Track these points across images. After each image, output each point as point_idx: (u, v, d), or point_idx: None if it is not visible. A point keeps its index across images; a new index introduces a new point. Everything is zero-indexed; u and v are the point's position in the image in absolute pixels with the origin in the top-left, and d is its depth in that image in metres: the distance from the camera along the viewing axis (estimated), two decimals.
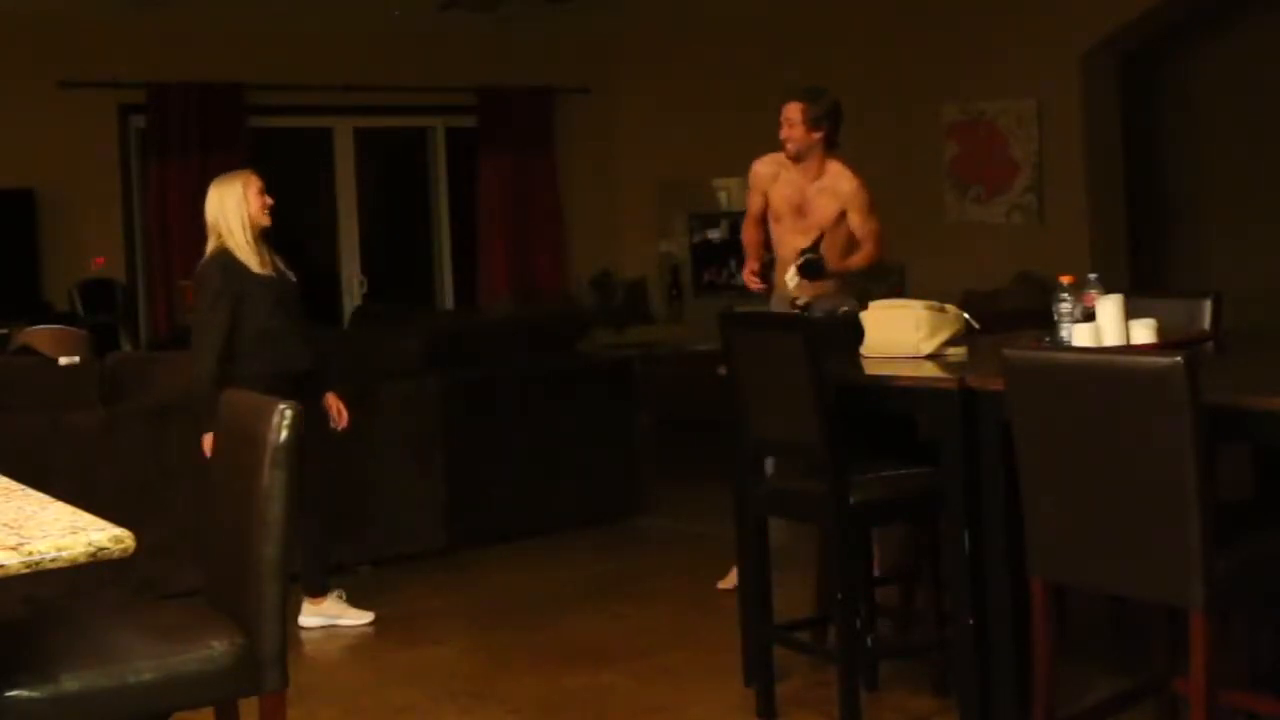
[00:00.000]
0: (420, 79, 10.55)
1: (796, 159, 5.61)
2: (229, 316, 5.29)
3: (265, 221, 5.41)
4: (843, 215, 5.59)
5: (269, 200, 5.43)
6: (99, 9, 9.41)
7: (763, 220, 5.78)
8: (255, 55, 9.95)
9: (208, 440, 5.23)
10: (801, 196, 5.64)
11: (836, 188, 5.60)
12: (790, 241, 5.58)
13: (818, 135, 5.57)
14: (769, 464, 4.80)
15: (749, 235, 5.85)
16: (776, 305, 5.66)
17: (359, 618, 5.61)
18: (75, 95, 9.37)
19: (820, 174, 5.63)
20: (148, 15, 9.58)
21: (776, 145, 5.68)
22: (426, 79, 10.59)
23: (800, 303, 5.39)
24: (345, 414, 5.56)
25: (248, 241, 5.34)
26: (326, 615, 5.61)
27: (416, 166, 11.21)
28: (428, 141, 11.18)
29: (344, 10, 10.15)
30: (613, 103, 11.15)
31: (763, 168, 5.79)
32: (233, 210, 5.34)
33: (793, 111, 5.56)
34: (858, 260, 5.62)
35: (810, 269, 5.35)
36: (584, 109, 11.08)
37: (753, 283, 5.66)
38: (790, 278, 5.39)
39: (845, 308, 5.29)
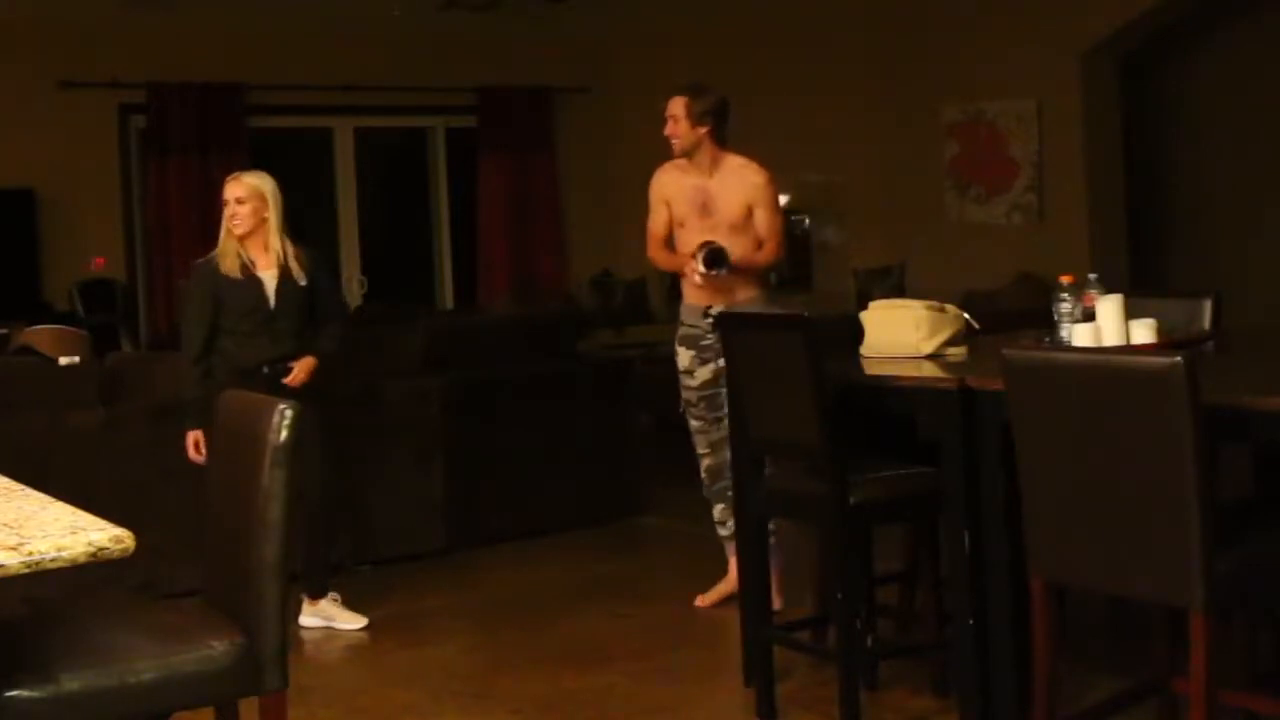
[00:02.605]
0: (420, 79, 10.56)
1: (684, 155, 5.38)
2: (205, 316, 5.37)
3: (234, 230, 5.38)
4: (750, 213, 5.34)
5: (231, 210, 5.37)
6: (99, 9, 9.41)
7: (669, 238, 5.50)
8: (255, 55, 9.96)
9: (189, 438, 5.31)
10: (704, 194, 5.39)
11: (743, 180, 5.37)
12: (697, 243, 5.29)
13: (703, 130, 5.33)
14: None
15: (659, 255, 5.55)
16: (687, 316, 5.47)
17: (352, 621, 5.60)
18: (75, 95, 9.38)
19: (717, 169, 5.39)
20: (148, 15, 9.59)
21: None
22: (426, 79, 10.60)
23: (714, 311, 5.17)
24: (299, 377, 5.39)
25: (221, 250, 5.41)
26: (321, 616, 5.61)
27: (416, 166, 11.22)
28: (428, 141, 11.18)
29: (344, 10, 10.16)
30: (613, 103, 11.15)
31: (662, 175, 5.53)
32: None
33: (675, 106, 5.34)
34: (762, 257, 5.37)
35: (715, 258, 5.13)
36: (584, 109, 11.08)
37: (693, 271, 5.22)
38: (696, 268, 5.14)
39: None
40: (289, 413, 2.93)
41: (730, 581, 5.34)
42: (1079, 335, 4.00)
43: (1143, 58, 10.24)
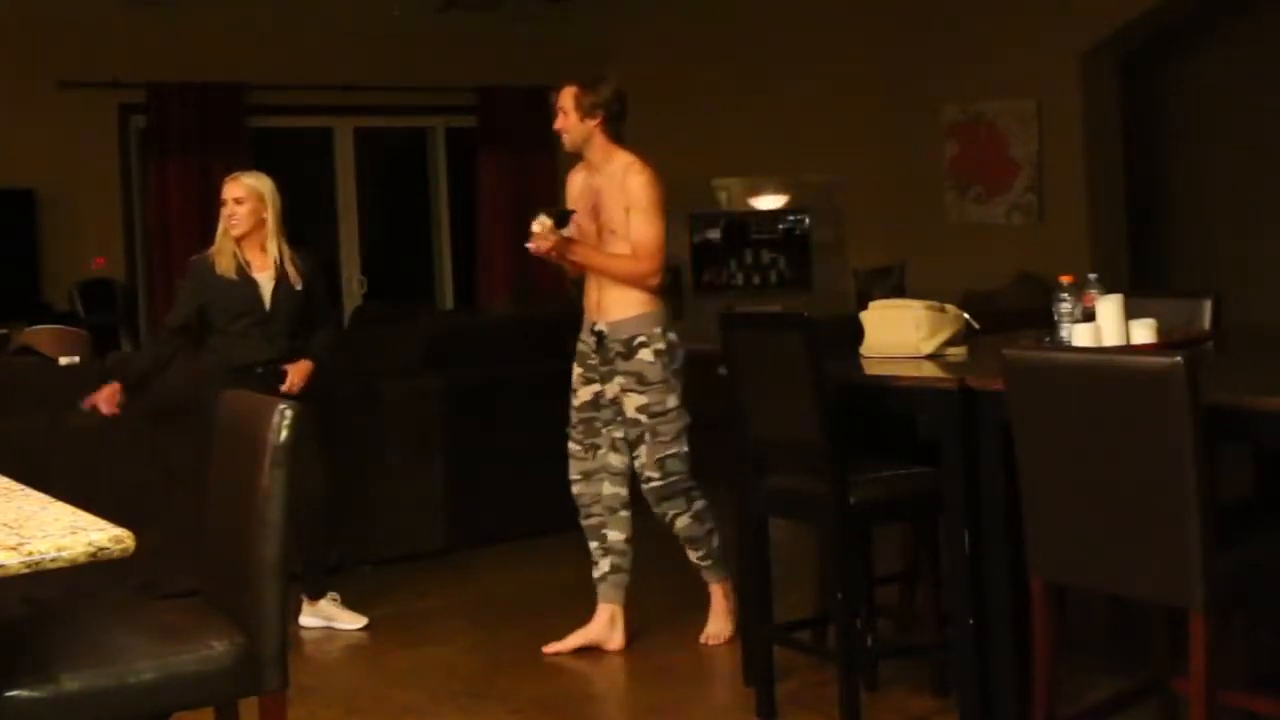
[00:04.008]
0: (420, 79, 10.56)
1: (575, 150, 5.07)
2: (189, 301, 5.48)
3: (230, 230, 5.39)
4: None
5: (228, 210, 5.39)
6: (99, 9, 9.41)
7: None
8: (255, 55, 9.95)
9: (110, 387, 5.38)
10: (595, 195, 5.05)
11: (624, 181, 4.97)
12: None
13: (593, 124, 4.98)
14: None
15: None
16: (583, 330, 5.15)
17: (352, 621, 5.61)
18: (75, 95, 9.37)
19: (607, 166, 5.02)
20: (148, 15, 9.59)
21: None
22: (426, 79, 10.59)
23: (598, 328, 5.01)
24: (296, 385, 5.40)
25: (216, 249, 5.42)
26: (321, 616, 5.61)
27: (416, 166, 11.22)
28: (428, 141, 11.18)
29: (344, 10, 10.16)
30: None
31: (571, 176, 5.21)
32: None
33: (565, 98, 5.01)
34: (620, 265, 4.94)
35: (564, 218, 4.89)
36: None
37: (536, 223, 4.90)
38: (540, 224, 4.85)
39: (642, 336, 4.94)
40: (289, 413, 2.93)
41: (588, 632, 5.12)
42: (1079, 335, 4.00)
43: (1143, 58, 10.24)
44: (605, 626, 5.11)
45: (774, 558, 4.48)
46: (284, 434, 2.91)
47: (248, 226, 5.38)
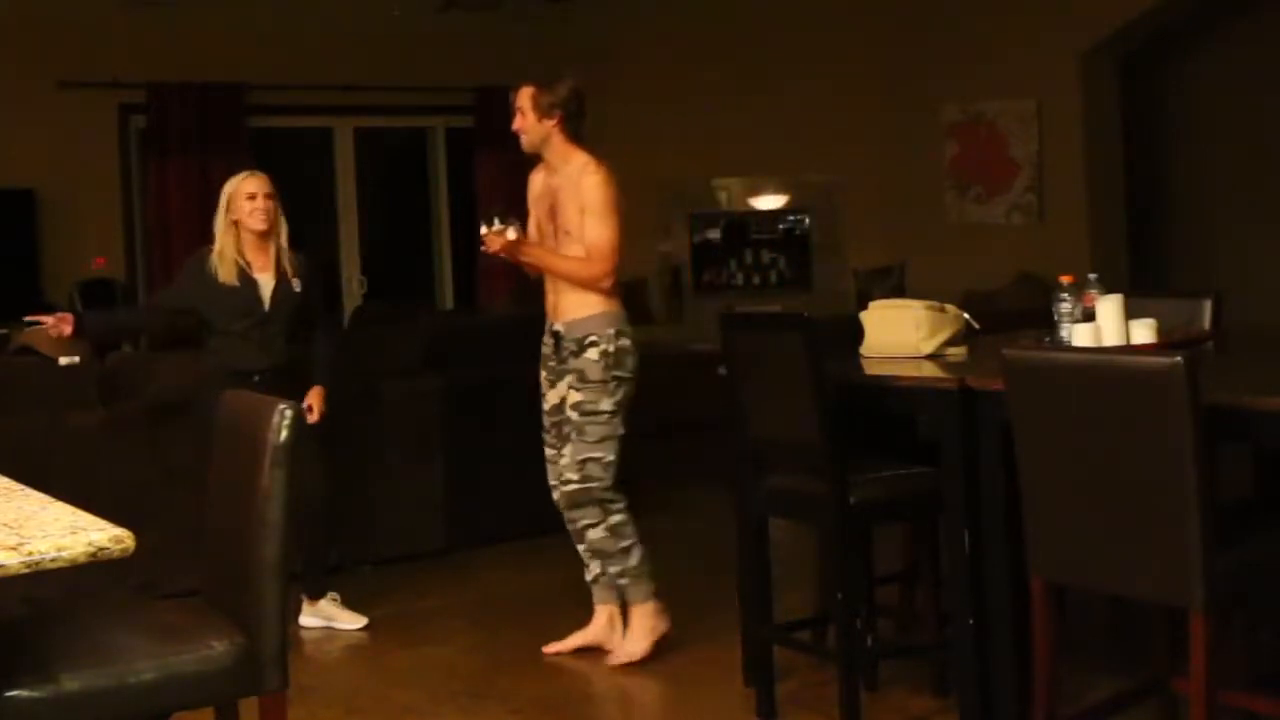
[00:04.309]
0: (420, 79, 10.56)
1: (532, 151, 5.03)
2: (180, 296, 5.52)
3: (255, 225, 5.36)
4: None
5: (260, 205, 5.36)
6: (99, 9, 9.42)
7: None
8: (255, 55, 9.95)
9: (69, 319, 5.34)
10: (553, 196, 5.03)
11: (579, 181, 4.91)
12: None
13: (550, 124, 4.93)
14: None
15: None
16: (546, 336, 5.14)
17: (352, 621, 5.61)
18: (75, 95, 9.37)
19: (565, 167, 4.97)
20: (148, 15, 9.59)
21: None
22: (426, 79, 10.59)
23: (555, 329, 5.01)
24: (318, 411, 5.46)
25: (220, 249, 5.39)
26: (321, 616, 5.61)
27: (416, 166, 11.22)
28: (427, 141, 11.18)
29: (344, 10, 10.16)
30: (613, 103, 11.14)
31: (532, 177, 5.18)
32: (219, 212, 5.43)
33: (522, 98, 4.94)
34: (568, 266, 4.92)
35: (503, 215, 4.91)
36: None
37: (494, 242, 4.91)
38: (491, 233, 4.87)
39: (593, 335, 4.88)
40: (289, 413, 2.93)
41: (588, 633, 5.11)
42: (1079, 335, 4.00)
43: (1143, 58, 10.24)
44: (604, 628, 5.11)
45: (774, 558, 4.48)
46: (284, 434, 2.91)
47: (271, 222, 5.40)
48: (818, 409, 4.02)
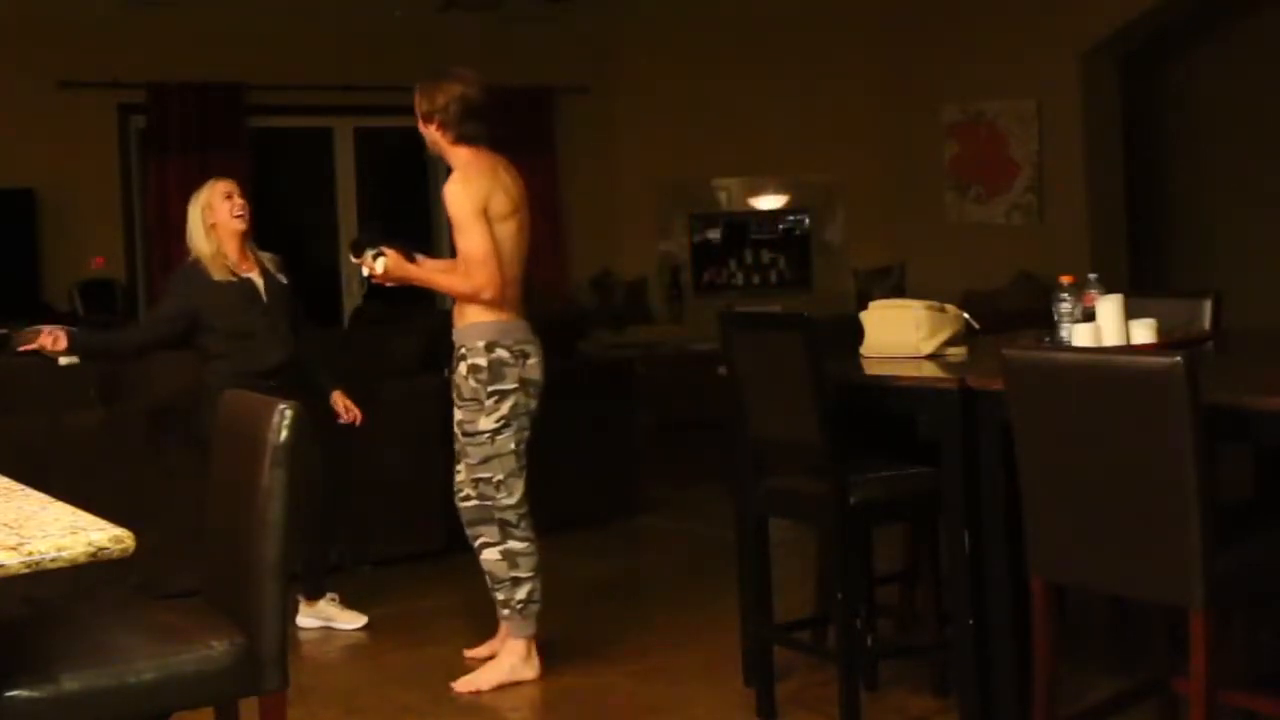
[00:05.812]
0: (420, 79, 10.55)
1: (433, 154, 4.85)
2: (171, 311, 5.40)
3: (236, 226, 5.39)
4: None
5: (238, 203, 5.39)
6: (99, 9, 9.42)
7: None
8: (255, 55, 9.95)
9: (53, 333, 5.29)
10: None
11: (445, 192, 4.69)
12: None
13: (431, 128, 4.72)
14: None
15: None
16: None
17: (352, 621, 5.61)
18: (75, 95, 9.37)
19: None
20: (148, 15, 9.59)
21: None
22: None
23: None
24: (354, 409, 5.57)
25: (210, 254, 5.38)
26: (320, 617, 5.61)
27: (416, 166, 11.21)
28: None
29: (344, 10, 10.16)
30: (613, 103, 11.15)
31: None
32: (195, 222, 5.42)
33: (415, 102, 4.76)
34: (444, 280, 4.76)
35: (356, 246, 4.70)
36: (584, 109, 11.07)
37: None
38: (366, 264, 4.63)
39: (463, 349, 4.67)
40: (289, 413, 2.92)
41: (494, 642, 4.97)
42: (1079, 335, 4.00)
43: (1143, 58, 10.24)
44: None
45: (774, 558, 4.48)
46: (284, 434, 2.91)
47: (249, 220, 5.44)
48: (818, 409, 4.02)
